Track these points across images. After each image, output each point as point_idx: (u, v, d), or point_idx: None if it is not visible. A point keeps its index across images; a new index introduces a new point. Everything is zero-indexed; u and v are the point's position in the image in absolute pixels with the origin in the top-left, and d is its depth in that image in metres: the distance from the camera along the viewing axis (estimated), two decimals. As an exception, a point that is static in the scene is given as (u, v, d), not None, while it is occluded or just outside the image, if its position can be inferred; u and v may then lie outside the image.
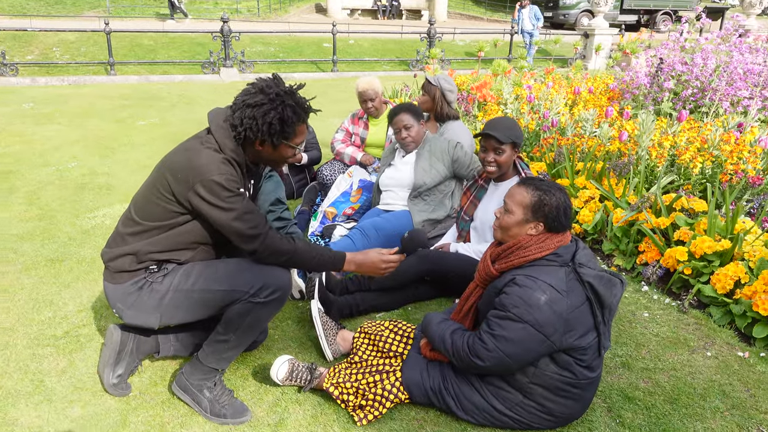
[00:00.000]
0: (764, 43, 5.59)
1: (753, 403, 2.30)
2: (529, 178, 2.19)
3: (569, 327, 1.99)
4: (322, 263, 2.22)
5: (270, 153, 2.15)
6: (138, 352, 2.39)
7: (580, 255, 2.09)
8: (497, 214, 2.20)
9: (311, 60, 14.90)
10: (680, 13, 24.49)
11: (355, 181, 3.90)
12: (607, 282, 2.06)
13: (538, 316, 1.95)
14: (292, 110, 2.06)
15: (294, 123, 2.07)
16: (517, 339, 1.98)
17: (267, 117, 2.02)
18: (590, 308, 2.04)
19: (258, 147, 2.11)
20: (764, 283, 2.82)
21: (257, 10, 22.50)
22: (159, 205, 2.08)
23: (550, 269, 2.04)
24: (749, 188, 3.54)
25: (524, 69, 7.16)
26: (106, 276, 2.19)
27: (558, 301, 1.97)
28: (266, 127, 2.03)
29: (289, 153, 2.17)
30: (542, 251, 2.07)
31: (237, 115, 2.07)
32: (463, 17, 27.17)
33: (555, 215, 2.07)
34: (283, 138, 2.09)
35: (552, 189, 2.10)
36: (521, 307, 1.97)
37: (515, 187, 2.16)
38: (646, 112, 4.24)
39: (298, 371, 2.36)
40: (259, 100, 2.04)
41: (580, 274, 2.03)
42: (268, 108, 2.03)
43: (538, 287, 1.98)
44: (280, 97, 2.05)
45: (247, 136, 2.07)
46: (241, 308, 2.10)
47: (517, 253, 2.11)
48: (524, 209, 2.10)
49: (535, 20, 15.65)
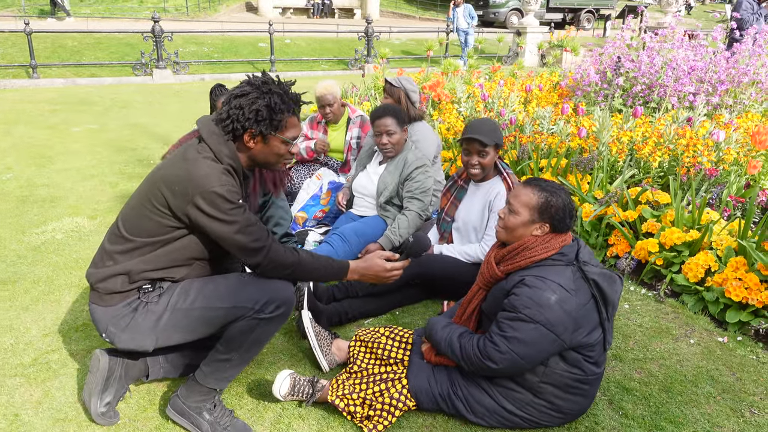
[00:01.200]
0: (701, 40, 5.91)
1: (741, 387, 2.41)
2: (533, 178, 2.20)
3: (578, 325, 2.02)
4: (327, 274, 2.14)
5: (261, 150, 2.02)
6: (127, 377, 2.24)
7: (582, 253, 2.12)
8: (501, 214, 2.20)
9: (248, 60, 14.58)
10: (602, 11, 25.63)
11: (325, 183, 3.83)
12: (609, 279, 2.10)
13: (549, 316, 1.96)
14: (279, 98, 1.96)
15: (282, 111, 1.97)
16: (530, 340, 1.98)
17: (254, 105, 1.93)
18: (596, 305, 2.07)
19: (248, 143, 1.99)
20: (734, 270, 2.97)
21: (185, 9, 21.79)
22: (153, 220, 1.95)
23: (557, 269, 2.06)
24: (706, 180, 3.72)
25: (471, 68, 7.26)
26: (94, 298, 2.03)
27: (567, 300, 1.99)
28: (253, 115, 1.93)
29: (282, 149, 2.05)
30: (548, 251, 2.09)
31: (224, 109, 1.97)
32: (396, 16, 27.34)
33: (561, 216, 2.09)
34: (273, 128, 1.98)
35: (557, 190, 2.12)
36: (532, 307, 1.98)
37: (521, 188, 2.16)
38: (604, 109, 4.39)
39: (299, 385, 2.28)
40: (245, 90, 1.96)
41: (585, 272, 2.06)
42: (254, 96, 1.94)
43: (547, 287, 1.99)
44: (266, 85, 1.97)
45: (235, 129, 1.96)
46: (245, 325, 2.01)
47: (523, 254, 2.11)
48: (530, 210, 2.11)
49: (470, 19, 15.94)
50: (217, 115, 2.02)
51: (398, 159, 3.47)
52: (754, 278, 2.86)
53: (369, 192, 3.50)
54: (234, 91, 1.98)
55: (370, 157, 3.64)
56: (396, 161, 3.47)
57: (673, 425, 2.18)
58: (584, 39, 16.18)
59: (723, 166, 3.83)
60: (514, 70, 8.19)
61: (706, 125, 4.43)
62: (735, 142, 4.03)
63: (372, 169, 3.56)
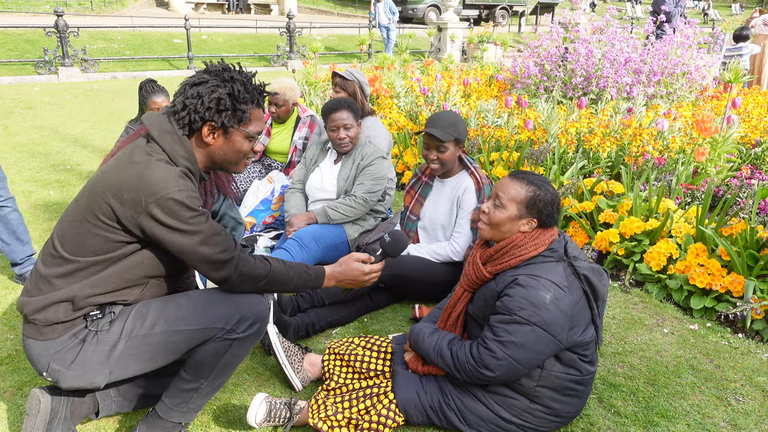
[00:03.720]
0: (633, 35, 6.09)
1: (721, 374, 2.42)
2: (519, 171, 2.08)
3: (573, 323, 1.93)
4: (302, 284, 1.92)
5: (222, 146, 1.77)
6: (73, 418, 1.93)
7: (571, 248, 2.03)
8: (485, 209, 2.06)
9: (163, 57, 13.83)
10: (515, 8, 26.38)
11: (277, 187, 3.58)
12: (598, 273, 2.02)
13: (545, 316, 1.86)
14: (242, 86, 1.73)
15: (246, 101, 1.74)
16: (527, 342, 1.87)
17: (214, 93, 1.69)
18: (587, 302, 1.99)
19: (207, 137, 1.74)
20: (695, 256, 3.00)
21: (90, 3, 20.41)
22: (98, 236, 1.66)
23: (549, 266, 1.96)
24: (655, 168, 3.79)
25: (406, 62, 7.17)
26: (30, 332, 1.71)
27: (562, 298, 1.89)
28: (214, 104, 1.69)
29: (245, 145, 1.80)
30: (538, 248, 1.98)
31: (179, 100, 1.72)
32: (314, 11, 26.90)
33: (550, 211, 1.99)
34: (236, 120, 1.74)
35: (544, 183, 2.01)
36: (528, 308, 1.86)
37: (508, 181, 2.04)
38: (552, 100, 4.38)
39: (276, 410, 2.05)
40: (203, 78, 1.71)
41: (576, 267, 1.97)
42: (214, 84, 1.70)
43: (542, 285, 1.88)
44: (227, 72, 1.73)
45: (192, 121, 1.70)
46: (215, 348, 1.76)
47: (513, 253, 2.00)
48: (518, 204, 1.99)
49: (391, 14, 15.90)
50: (169, 108, 1.76)
51: (355, 155, 3.29)
52: (716, 264, 2.90)
53: (327, 192, 3.29)
54: (190, 80, 1.74)
55: (324, 153, 3.42)
56: (353, 157, 3.28)
57: (666, 420, 2.14)
58: (501, 35, 16.55)
59: (669, 154, 3.91)
60: (447, 64, 8.17)
61: (650, 115, 4.54)
62: (678, 131, 4.14)
63: (327, 168, 3.35)
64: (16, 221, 3.02)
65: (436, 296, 2.89)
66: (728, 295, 2.86)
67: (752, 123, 4.73)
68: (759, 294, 2.75)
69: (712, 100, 5.73)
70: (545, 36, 6.25)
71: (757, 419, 2.16)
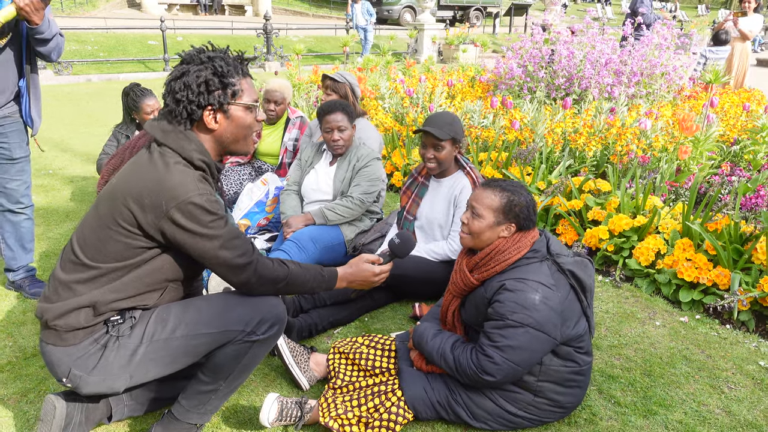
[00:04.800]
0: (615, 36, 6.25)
1: (713, 364, 2.52)
2: (492, 180, 2.15)
3: (564, 318, 2.00)
4: (317, 285, 1.96)
5: (227, 127, 1.77)
6: (87, 423, 1.93)
7: (553, 245, 2.11)
8: (464, 219, 2.13)
9: (138, 59, 13.66)
10: (489, 9, 26.65)
11: (272, 189, 3.59)
12: (582, 265, 2.09)
13: (537, 317, 1.93)
14: (223, 62, 1.72)
15: (233, 74, 1.73)
16: (523, 344, 1.94)
17: (200, 76, 1.68)
18: (576, 295, 2.06)
19: (210, 123, 1.74)
20: (683, 251, 3.11)
21: (60, 4, 20.04)
22: (120, 242, 1.67)
23: (533, 266, 2.02)
24: (639, 166, 3.90)
25: (389, 63, 7.22)
26: (50, 338, 1.72)
27: (551, 297, 1.96)
28: (204, 87, 1.68)
29: (248, 118, 1.80)
30: (521, 251, 2.05)
31: (169, 99, 1.71)
32: (288, 13, 26.81)
33: (526, 214, 2.06)
34: (230, 96, 1.73)
35: (518, 188, 2.09)
36: (519, 311, 1.93)
37: (481, 191, 2.10)
38: (537, 100, 4.47)
39: (287, 409, 2.08)
40: (183, 69, 1.71)
41: (560, 264, 2.04)
42: (196, 69, 1.69)
43: (529, 288, 1.95)
44: (202, 54, 1.73)
45: (190, 112, 1.70)
46: (235, 350, 1.79)
47: (497, 259, 2.06)
48: (494, 212, 2.06)
49: (368, 15, 15.94)
50: (163, 110, 1.76)
51: (350, 156, 3.32)
52: (703, 258, 3.01)
53: (323, 193, 3.32)
54: (172, 75, 1.73)
55: (320, 155, 3.45)
56: (348, 158, 3.32)
57: (664, 409, 2.22)
58: (479, 36, 16.73)
59: (652, 153, 4.03)
60: (429, 65, 8.25)
61: (633, 115, 4.67)
62: (660, 130, 4.27)
63: (322, 169, 3.38)
64: (27, 230, 2.99)
65: (434, 294, 2.94)
66: (715, 287, 2.96)
67: (730, 122, 4.91)
68: (744, 286, 2.86)
69: (689, 100, 5.91)
70: (526, 38, 6.36)
71: (749, 405, 2.25)
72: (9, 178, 2.84)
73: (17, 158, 2.83)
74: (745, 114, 5.13)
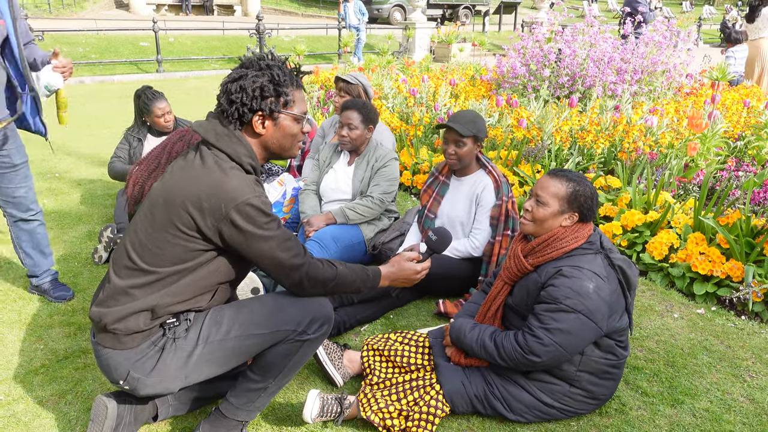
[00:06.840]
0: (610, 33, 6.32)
1: (733, 354, 2.60)
2: (558, 169, 2.21)
3: (611, 311, 2.06)
4: (363, 285, 2.00)
5: (274, 134, 1.82)
6: (136, 423, 1.97)
7: (605, 242, 2.17)
8: (528, 207, 2.18)
9: (131, 61, 13.58)
10: (477, 7, 26.75)
11: (289, 190, 3.63)
12: (629, 264, 2.16)
13: (589, 304, 1.99)
14: (280, 71, 1.77)
15: (287, 84, 1.78)
16: (572, 329, 2.00)
17: (256, 83, 1.73)
18: (622, 291, 2.13)
19: (258, 128, 1.79)
20: (696, 245, 3.19)
21: (47, 6, 19.84)
22: (178, 245, 1.70)
23: (589, 257, 2.09)
24: (648, 163, 3.98)
25: (389, 63, 7.27)
26: (107, 341, 1.74)
27: (603, 288, 2.03)
28: (258, 92, 1.73)
29: (295, 128, 1.85)
30: (578, 241, 2.11)
31: (224, 99, 1.76)
32: (278, 12, 26.73)
33: (589, 205, 2.11)
34: (282, 105, 1.79)
35: (582, 179, 2.14)
36: (573, 297, 1.99)
37: (547, 179, 2.16)
38: (545, 99, 4.54)
39: (328, 405, 2.13)
40: (241, 72, 1.76)
41: (612, 259, 2.11)
42: (253, 74, 1.73)
43: (585, 276, 2.02)
44: (262, 61, 1.78)
45: (242, 114, 1.75)
46: (287, 349, 1.83)
47: (554, 245, 2.12)
48: (560, 200, 2.11)
49: (360, 15, 15.94)
50: (216, 110, 1.81)
51: (369, 156, 3.37)
52: (716, 251, 3.09)
53: (342, 192, 3.37)
54: (229, 77, 1.77)
55: (338, 154, 3.49)
56: (366, 158, 3.36)
57: (690, 398, 2.29)
58: (478, 35, 16.82)
59: (660, 149, 4.12)
60: (427, 64, 8.31)
61: (638, 112, 4.75)
62: (666, 127, 4.35)
63: (341, 169, 3.42)
64: (42, 235, 3.01)
65: (457, 291, 3.00)
66: (728, 280, 3.05)
67: (733, 118, 5.02)
68: (758, 278, 2.94)
69: (689, 97, 6.02)
70: (527, 36, 6.44)
71: (772, 393, 2.33)
72: (15, 187, 2.85)
73: (18, 164, 2.84)
74: (746, 110, 5.24)
